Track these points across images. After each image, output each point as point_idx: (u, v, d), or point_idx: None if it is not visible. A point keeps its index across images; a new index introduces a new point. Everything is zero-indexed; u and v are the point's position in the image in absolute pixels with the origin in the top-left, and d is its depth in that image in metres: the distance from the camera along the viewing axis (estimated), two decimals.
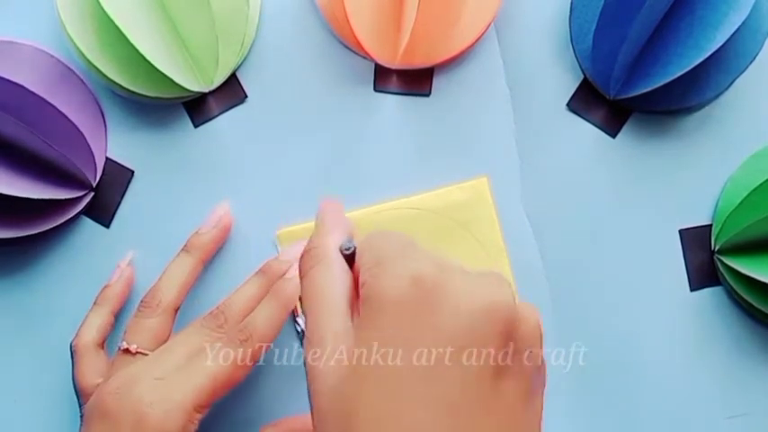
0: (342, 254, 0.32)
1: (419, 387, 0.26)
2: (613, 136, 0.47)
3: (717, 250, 0.46)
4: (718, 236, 0.46)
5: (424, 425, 0.26)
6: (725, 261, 0.45)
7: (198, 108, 0.47)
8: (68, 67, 0.46)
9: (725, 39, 0.42)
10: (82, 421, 0.39)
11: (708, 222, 0.47)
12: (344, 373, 0.27)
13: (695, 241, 0.46)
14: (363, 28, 0.45)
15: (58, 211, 0.45)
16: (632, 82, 0.44)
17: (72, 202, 0.46)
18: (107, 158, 0.47)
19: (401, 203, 0.46)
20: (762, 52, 0.44)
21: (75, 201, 0.46)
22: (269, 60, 0.47)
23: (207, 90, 0.46)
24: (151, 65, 0.43)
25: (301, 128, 0.47)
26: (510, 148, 0.47)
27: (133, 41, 0.42)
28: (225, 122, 0.47)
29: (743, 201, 0.44)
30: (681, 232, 0.47)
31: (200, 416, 0.38)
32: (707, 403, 0.46)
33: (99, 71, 0.44)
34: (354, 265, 0.32)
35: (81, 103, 0.46)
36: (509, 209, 0.46)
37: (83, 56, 0.44)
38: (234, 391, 0.39)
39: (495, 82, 0.47)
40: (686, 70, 0.42)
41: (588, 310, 0.46)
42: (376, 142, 0.47)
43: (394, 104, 0.47)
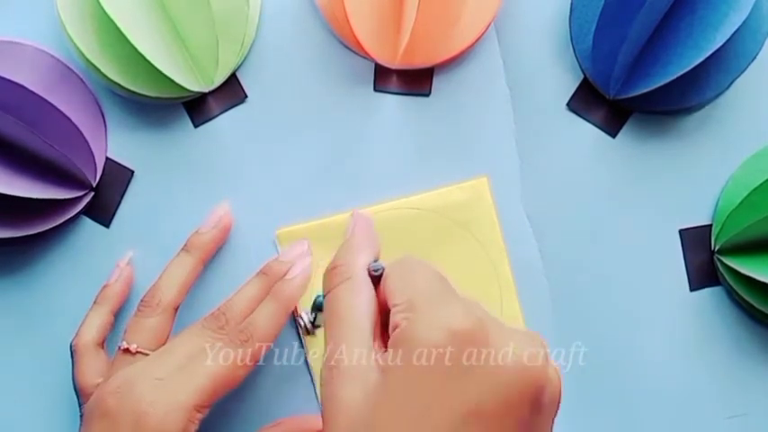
0: (369, 274, 0.32)
1: None
2: (613, 136, 0.47)
3: (717, 250, 0.46)
4: (718, 236, 0.46)
5: None
6: (725, 261, 0.45)
7: (198, 108, 0.47)
8: (68, 67, 0.46)
9: (725, 39, 0.42)
10: (82, 421, 0.39)
11: (708, 222, 0.47)
12: (364, 409, 0.28)
13: (695, 241, 0.46)
14: (363, 28, 0.45)
15: (57, 210, 0.45)
16: (632, 82, 0.44)
17: (72, 201, 0.46)
18: (107, 158, 0.47)
19: (401, 203, 0.46)
20: (762, 52, 0.44)
21: (75, 201, 0.46)
22: (269, 60, 0.47)
23: (207, 90, 0.46)
24: (151, 65, 0.43)
25: (301, 128, 0.47)
26: (510, 148, 0.47)
27: (133, 41, 0.42)
28: (225, 122, 0.47)
29: (743, 201, 0.44)
30: (681, 232, 0.47)
31: (200, 416, 0.38)
32: (707, 403, 0.46)
33: (99, 71, 0.44)
34: (380, 287, 0.32)
35: (81, 103, 0.46)
36: (509, 209, 0.46)
37: (83, 56, 0.44)
38: (234, 391, 0.39)
39: (495, 82, 0.47)
40: (686, 70, 0.42)
41: (588, 310, 0.46)
42: (376, 142, 0.47)
43: (394, 104, 0.47)
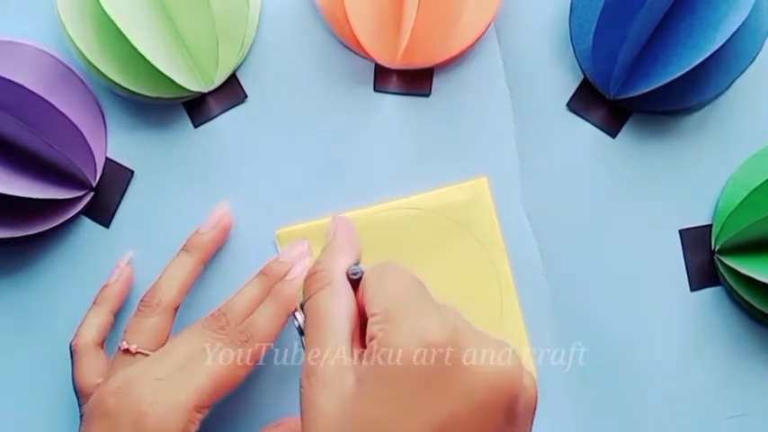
0: (348, 278, 0.33)
1: None
2: (613, 136, 0.47)
3: (717, 250, 0.46)
4: (718, 236, 0.46)
5: None
6: (725, 261, 0.45)
7: (198, 108, 0.47)
8: (68, 67, 0.46)
9: (725, 39, 0.42)
10: (82, 421, 0.39)
11: (708, 222, 0.47)
12: (340, 416, 0.28)
13: (695, 241, 0.46)
14: (363, 28, 0.45)
15: (57, 211, 0.45)
16: (632, 82, 0.44)
17: (72, 202, 0.46)
18: (107, 158, 0.47)
19: (401, 203, 0.46)
20: (762, 52, 0.44)
21: (75, 201, 0.46)
22: (269, 60, 0.47)
23: (207, 90, 0.46)
24: (151, 65, 0.43)
25: (301, 128, 0.47)
26: (510, 148, 0.47)
27: (133, 41, 0.42)
28: (225, 122, 0.47)
29: (743, 201, 0.44)
30: (681, 232, 0.47)
31: (200, 416, 0.38)
32: (707, 403, 0.46)
33: (99, 71, 0.44)
34: (359, 290, 0.32)
35: (81, 103, 0.46)
36: (509, 209, 0.46)
37: (83, 56, 0.44)
38: (234, 391, 0.39)
39: (495, 82, 0.47)
40: (686, 70, 0.42)
41: (588, 310, 0.46)
42: (376, 142, 0.47)
43: (394, 104, 0.47)
